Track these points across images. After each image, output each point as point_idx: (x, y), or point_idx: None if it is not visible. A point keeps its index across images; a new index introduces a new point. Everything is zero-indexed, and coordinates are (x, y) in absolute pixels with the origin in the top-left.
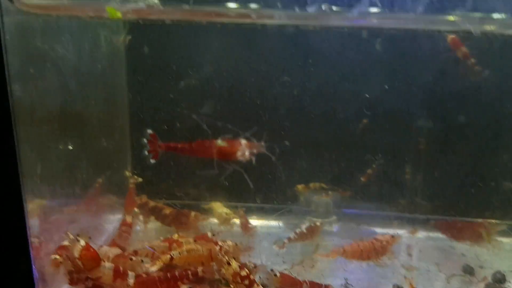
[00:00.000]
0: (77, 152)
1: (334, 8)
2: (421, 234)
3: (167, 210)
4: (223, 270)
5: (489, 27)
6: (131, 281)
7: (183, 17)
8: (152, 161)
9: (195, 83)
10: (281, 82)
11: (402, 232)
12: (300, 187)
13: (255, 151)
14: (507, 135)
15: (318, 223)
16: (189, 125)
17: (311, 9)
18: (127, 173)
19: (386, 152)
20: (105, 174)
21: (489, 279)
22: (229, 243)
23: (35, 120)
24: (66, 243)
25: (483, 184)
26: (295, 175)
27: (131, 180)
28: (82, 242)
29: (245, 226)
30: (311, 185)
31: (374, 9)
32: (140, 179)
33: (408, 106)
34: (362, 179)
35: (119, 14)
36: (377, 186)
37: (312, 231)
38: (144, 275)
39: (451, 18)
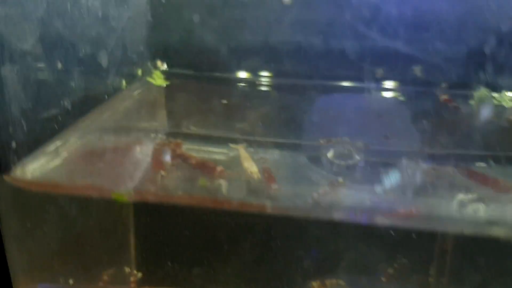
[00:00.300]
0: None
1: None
2: None
3: None
4: None
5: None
6: None
7: (190, 203)
8: None
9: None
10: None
11: None
12: (315, 284)
13: None
14: None
15: None
16: None
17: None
18: (127, 270)
19: (408, 252)
20: (106, 272)
21: None
22: None
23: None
24: None
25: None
26: (310, 270)
27: (131, 278)
28: None
29: None
30: (327, 282)
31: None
32: (140, 275)
33: None
34: (383, 279)
35: (125, 198)
36: (399, 286)
37: None
38: None
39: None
